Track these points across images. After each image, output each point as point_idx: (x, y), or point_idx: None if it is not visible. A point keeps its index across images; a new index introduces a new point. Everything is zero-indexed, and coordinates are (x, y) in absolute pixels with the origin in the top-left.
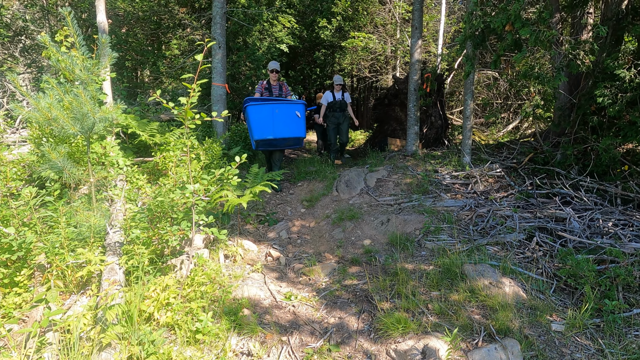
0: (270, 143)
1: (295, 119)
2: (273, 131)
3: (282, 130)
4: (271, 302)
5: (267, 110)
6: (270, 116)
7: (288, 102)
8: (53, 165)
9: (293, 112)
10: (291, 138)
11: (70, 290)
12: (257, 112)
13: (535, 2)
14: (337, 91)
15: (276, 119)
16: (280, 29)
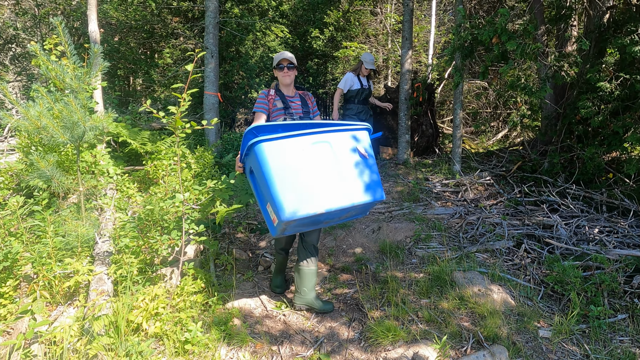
0: (313, 221)
1: (360, 163)
2: (321, 196)
3: (339, 192)
4: (262, 311)
5: (302, 150)
6: (312, 162)
7: (336, 126)
8: (41, 174)
9: (352, 148)
10: (359, 205)
11: (57, 301)
12: (280, 157)
13: (522, 15)
14: (363, 76)
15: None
16: (273, 38)
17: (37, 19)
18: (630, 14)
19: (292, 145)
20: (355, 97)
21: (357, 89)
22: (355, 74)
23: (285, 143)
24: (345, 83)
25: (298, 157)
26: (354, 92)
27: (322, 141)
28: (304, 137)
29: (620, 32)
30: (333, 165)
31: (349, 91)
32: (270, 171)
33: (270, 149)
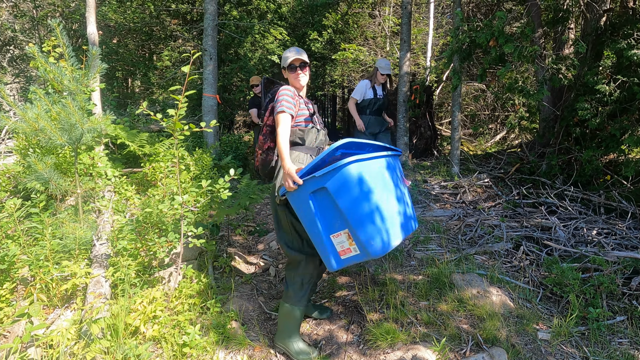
0: None
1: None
2: (400, 225)
3: (407, 220)
4: (260, 314)
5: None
6: (392, 187)
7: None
8: (39, 176)
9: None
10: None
11: (54, 304)
12: (375, 180)
13: (519, 18)
14: (378, 84)
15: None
16: (271, 40)
17: (36, 21)
18: (627, 17)
19: (380, 167)
20: (367, 107)
21: (369, 99)
22: (370, 82)
23: (376, 165)
24: (359, 92)
25: (386, 181)
26: (366, 102)
27: (394, 165)
28: (383, 160)
29: (617, 35)
30: (402, 190)
31: (362, 101)
32: (371, 196)
33: (367, 170)
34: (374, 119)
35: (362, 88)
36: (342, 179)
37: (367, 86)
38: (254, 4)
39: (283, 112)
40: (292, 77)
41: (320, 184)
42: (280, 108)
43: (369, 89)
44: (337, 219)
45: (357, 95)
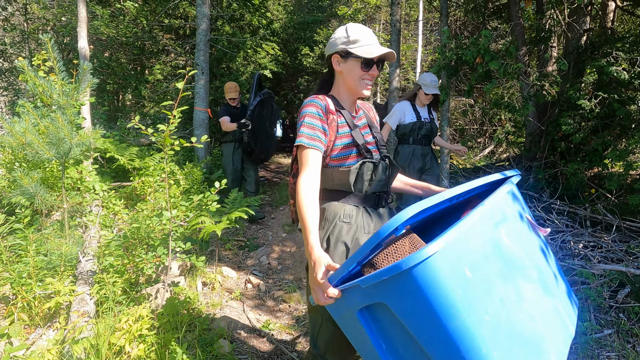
0: None
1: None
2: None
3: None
4: (249, 331)
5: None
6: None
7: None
8: (24, 191)
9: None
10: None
11: (36, 323)
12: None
13: (504, 36)
14: (422, 105)
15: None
16: (263, 55)
17: (26, 35)
18: (605, 37)
19: (490, 236)
20: (408, 134)
21: (410, 123)
22: (410, 104)
23: (482, 236)
24: (395, 116)
25: (506, 259)
26: (406, 128)
27: (515, 212)
28: (494, 212)
29: (597, 53)
30: (541, 262)
31: (399, 127)
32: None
33: (463, 258)
34: (419, 149)
35: (397, 111)
36: (415, 290)
37: (405, 107)
38: (246, 20)
39: (302, 147)
40: (353, 77)
41: (374, 299)
42: (299, 139)
43: (410, 112)
44: (411, 349)
45: (391, 121)
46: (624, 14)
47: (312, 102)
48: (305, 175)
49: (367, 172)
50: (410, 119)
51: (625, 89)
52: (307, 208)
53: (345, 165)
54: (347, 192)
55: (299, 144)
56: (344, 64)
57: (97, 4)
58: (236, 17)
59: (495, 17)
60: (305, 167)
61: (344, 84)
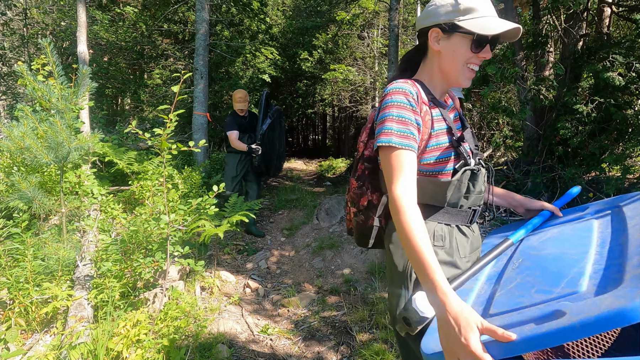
0: None
1: None
2: None
3: None
4: (248, 336)
5: None
6: None
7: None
8: (22, 195)
9: None
10: None
11: (33, 328)
12: None
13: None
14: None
15: None
16: (262, 60)
17: (25, 39)
18: (602, 42)
19: None
20: None
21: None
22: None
23: None
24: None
25: None
26: None
27: None
28: None
29: (593, 58)
30: None
31: None
32: None
33: None
34: None
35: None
36: None
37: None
38: (245, 25)
39: (392, 147)
40: (455, 60)
41: None
42: (386, 138)
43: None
44: None
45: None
46: (620, 20)
47: (401, 89)
48: (403, 186)
49: (465, 182)
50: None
51: (621, 93)
52: (419, 234)
53: (443, 172)
54: (437, 207)
55: (388, 144)
56: (445, 41)
57: (97, 9)
58: (235, 21)
59: None
60: (400, 175)
61: (439, 67)
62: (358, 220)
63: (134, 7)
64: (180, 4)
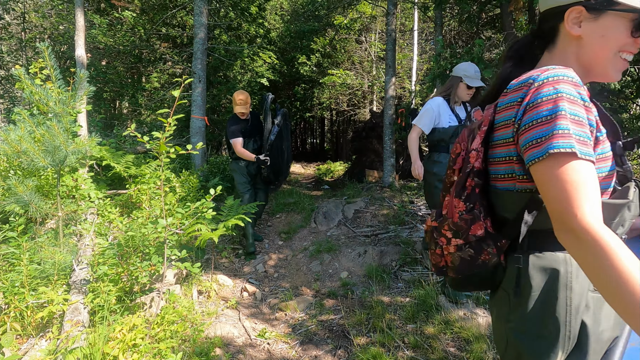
0: None
1: None
2: None
3: None
4: (245, 340)
5: None
6: None
7: None
8: (19, 199)
9: None
10: None
11: (29, 333)
12: None
13: (498, 45)
14: (459, 103)
15: None
16: (261, 64)
17: (23, 43)
18: None
19: None
20: (448, 141)
21: (451, 127)
22: (445, 100)
23: None
24: (427, 116)
25: None
26: (446, 133)
27: None
28: None
29: None
30: None
31: (436, 131)
32: None
33: None
34: None
35: (431, 110)
36: None
37: (440, 107)
38: (243, 29)
39: (572, 154)
40: (606, 48)
41: None
42: (565, 143)
43: (447, 112)
44: None
45: (424, 123)
46: None
47: (568, 77)
48: (596, 212)
49: (637, 203)
50: (447, 121)
51: (616, 97)
52: (634, 272)
53: (607, 190)
54: None
55: (570, 149)
56: (591, 23)
57: (95, 13)
58: (233, 26)
59: (488, 27)
60: (588, 196)
61: (577, 57)
62: (464, 256)
63: (133, 12)
64: (179, 9)
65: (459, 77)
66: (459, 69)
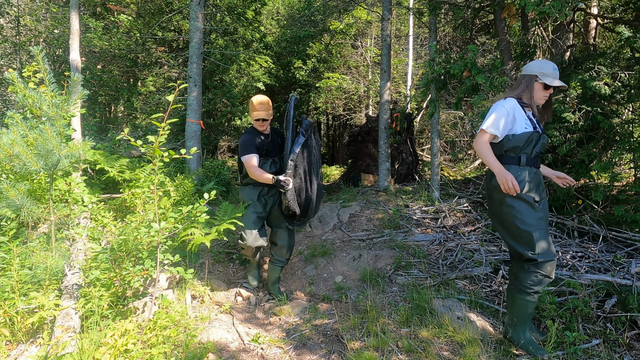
0: None
1: None
2: None
3: None
4: (238, 345)
5: None
6: None
7: None
8: (10, 203)
9: None
10: None
11: (19, 339)
12: None
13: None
14: (533, 109)
15: None
16: (257, 68)
17: (17, 46)
18: (588, 52)
19: None
20: (520, 150)
21: (525, 134)
22: (519, 103)
23: None
24: (501, 119)
25: None
26: (519, 140)
27: None
28: None
29: (580, 68)
30: None
31: (508, 139)
32: None
33: None
34: (536, 175)
35: (507, 113)
36: None
37: (516, 110)
38: (239, 34)
39: None
40: None
41: None
42: None
43: (522, 116)
44: None
45: (497, 127)
46: (605, 31)
47: None
48: None
49: None
50: (522, 127)
51: (607, 102)
52: None
53: None
54: None
55: None
56: None
57: (91, 17)
58: (229, 30)
59: (482, 32)
60: None
61: None
62: None
63: (128, 15)
64: (175, 13)
65: (534, 76)
66: (532, 66)
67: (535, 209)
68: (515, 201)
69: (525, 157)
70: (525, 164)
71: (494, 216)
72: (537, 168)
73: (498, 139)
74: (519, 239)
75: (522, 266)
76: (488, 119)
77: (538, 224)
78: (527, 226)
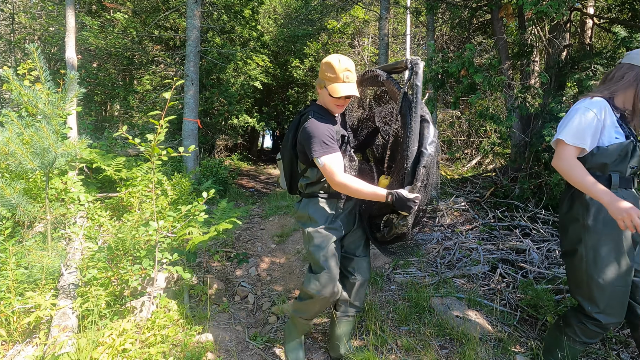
0: None
1: None
2: None
3: None
4: (237, 344)
5: None
6: None
7: None
8: (6, 202)
9: None
10: None
11: (15, 339)
12: None
13: (489, 50)
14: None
15: None
16: (254, 67)
17: (12, 44)
18: (584, 52)
19: None
20: (616, 165)
21: (618, 145)
22: (610, 105)
23: None
24: (589, 129)
25: None
26: (612, 155)
27: None
28: None
29: (576, 67)
30: None
31: (592, 153)
32: None
33: None
34: (636, 201)
35: (594, 118)
36: None
37: (607, 115)
38: (236, 32)
39: None
40: None
41: None
42: None
43: (614, 122)
44: None
45: (579, 138)
46: (601, 31)
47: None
48: None
49: None
50: (612, 136)
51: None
52: None
53: None
54: None
55: None
56: None
57: (87, 15)
58: (226, 29)
59: (479, 32)
60: None
61: None
62: None
63: (125, 14)
64: (171, 11)
65: (636, 69)
66: (630, 56)
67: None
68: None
69: (618, 177)
70: (618, 186)
71: (566, 255)
72: (632, 189)
73: (584, 152)
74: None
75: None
76: (568, 127)
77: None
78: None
